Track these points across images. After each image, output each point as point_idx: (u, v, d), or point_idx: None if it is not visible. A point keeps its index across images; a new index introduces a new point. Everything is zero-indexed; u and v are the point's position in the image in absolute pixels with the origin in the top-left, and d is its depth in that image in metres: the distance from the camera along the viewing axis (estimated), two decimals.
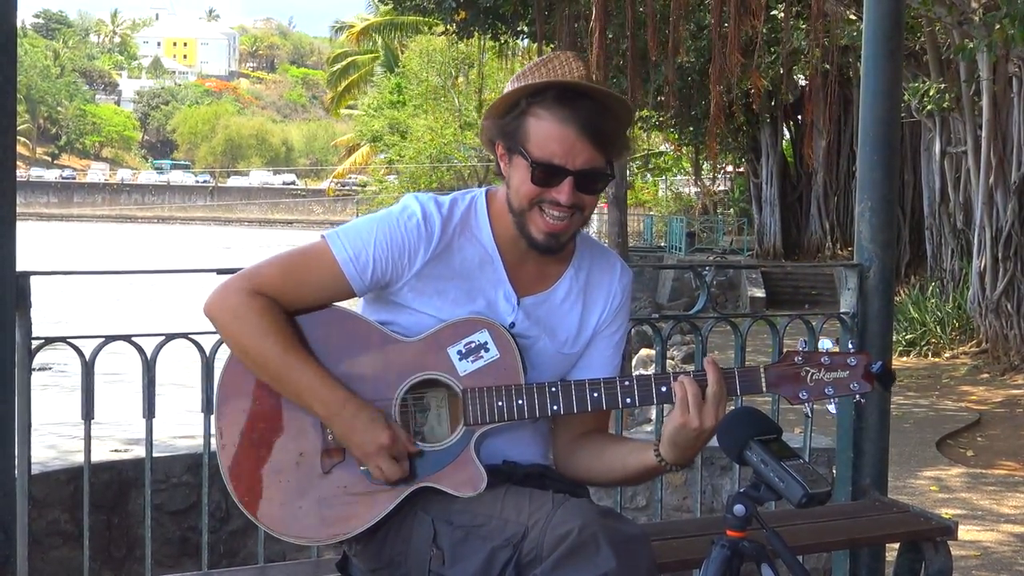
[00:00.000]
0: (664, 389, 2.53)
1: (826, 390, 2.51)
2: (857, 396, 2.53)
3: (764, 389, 2.53)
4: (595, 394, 2.54)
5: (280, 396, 2.57)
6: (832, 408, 2.58)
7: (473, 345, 2.56)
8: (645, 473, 2.64)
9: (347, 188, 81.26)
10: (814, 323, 4.09)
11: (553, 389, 2.54)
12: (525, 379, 2.56)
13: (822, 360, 2.52)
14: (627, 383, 2.54)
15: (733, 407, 2.51)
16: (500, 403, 2.53)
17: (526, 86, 2.52)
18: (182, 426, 5.38)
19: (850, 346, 2.61)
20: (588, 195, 2.53)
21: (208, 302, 2.58)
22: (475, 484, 2.52)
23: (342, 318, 2.62)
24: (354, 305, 2.69)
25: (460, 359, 2.56)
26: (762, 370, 2.53)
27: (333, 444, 2.56)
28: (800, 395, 2.52)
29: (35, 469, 3.75)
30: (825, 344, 2.56)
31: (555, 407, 2.53)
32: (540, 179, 2.49)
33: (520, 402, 2.53)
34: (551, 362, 2.67)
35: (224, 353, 2.64)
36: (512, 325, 2.62)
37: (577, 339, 2.69)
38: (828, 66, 18.86)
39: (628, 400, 2.54)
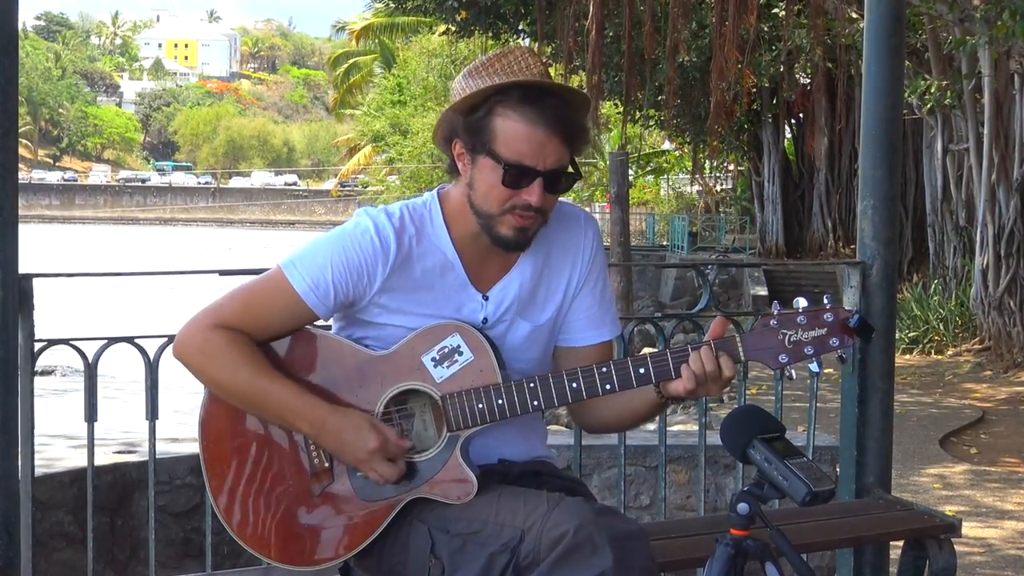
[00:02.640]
0: (642, 371, 2.50)
1: (806, 350, 2.46)
2: (838, 352, 2.48)
3: (742, 357, 2.50)
4: (574, 384, 2.51)
5: (261, 427, 2.58)
6: (814, 367, 2.53)
7: (446, 350, 2.54)
8: (655, 410, 2.65)
9: (348, 188, 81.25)
10: None
11: (532, 385, 2.51)
12: (503, 376, 2.54)
13: (798, 320, 2.46)
14: (604, 369, 2.51)
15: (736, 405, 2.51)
16: (480, 405, 2.51)
17: (491, 86, 2.48)
18: (186, 428, 5.38)
19: (826, 301, 2.53)
20: (554, 195, 2.52)
21: (175, 345, 2.58)
22: (465, 490, 2.51)
23: (312, 339, 2.61)
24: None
25: (435, 366, 2.54)
26: (738, 339, 2.50)
27: (320, 467, 2.56)
28: (780, 359, 2.47)
29: (39, 471, 3.75)
30: (800, 303, 2.48)
31: (535, 402, 2.51)
32: (510, 181, 2.46)
33: (500, 401, 2.51)
34: (532, 338, 2.66)
35: None
36: (485, 321, 2.60)
37: (546, 306, 2.66)
38: (830, 64, 18.86)
39: (608, 387, 2.50)
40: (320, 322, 2.63)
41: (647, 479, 5.30)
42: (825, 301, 2.53)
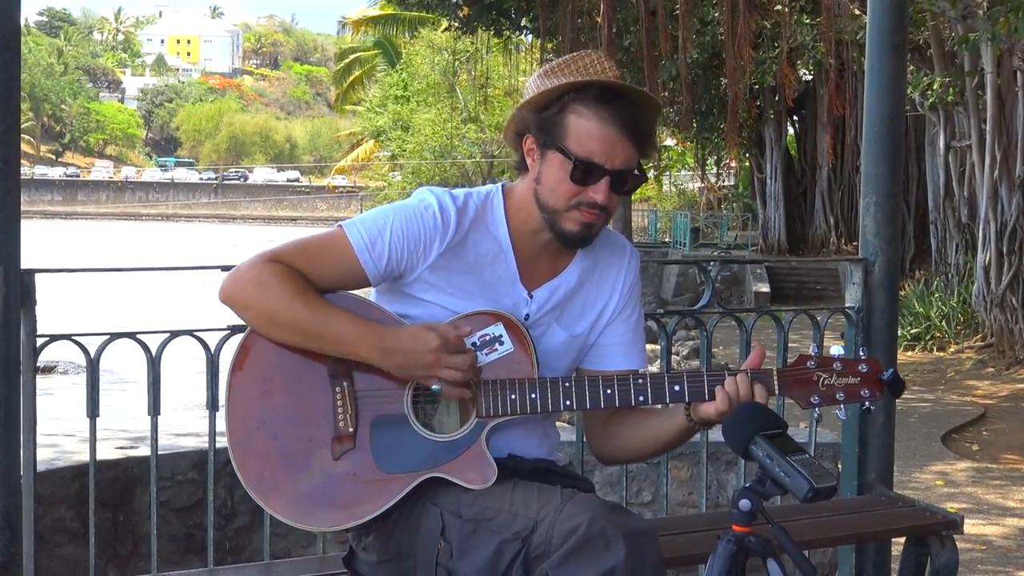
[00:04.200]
0: (677, 388, 2.55)
1: (837, 395, 2.54)
2: (867, 403, 2.56)
3: (776, 392, 2.56)
4: (608, 391, 2.55)
5: (291, 384, 2.57)
6: (841, 414, 2.60)
7: (488, 338, 2.57)
8: (679, 438, 2.68)
9: (344, 188, 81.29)
10: (819, 318, 4.08)
11: (567, 384, 2.55)
12: (539, 373, 2.56)
13: (834, 366, 2.55)
14: (640, 381, 2.55)
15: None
16: (513, 396, 2.54)
17: (569, 83, 2.52)
18: (188, 423, 5.38)
19: (862, 353, 2.60)
20: (619, 195, 2.56)
21: (224, 286, 2.56)
22: (485, 476, 2.53)
23: (356, 304, 2.61)
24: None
25: (475, 351, 2.55)
26: (775, 373, 2.56)
27: (344, 431, 2.56)
28: (812, 399, 2.55)
29: (41, 467, 3.75)
30: (837, 350, 2.57)
31: (568, 402, 2.54)
32: (579, 177, 2.50)
33: (533, 396, 2.54)
34: (564, 348, 2.68)
35: (228, 352, 2.63)
36: (527, 317, 2.63)
37: (581, 319, 2.70)
38: (833, 61, 18.85)
39: (641, 398, 2.55)
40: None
41: (649, 475, 5.30)
42: (861, 354, 2.60)
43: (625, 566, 2.28)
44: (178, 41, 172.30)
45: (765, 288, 23.89)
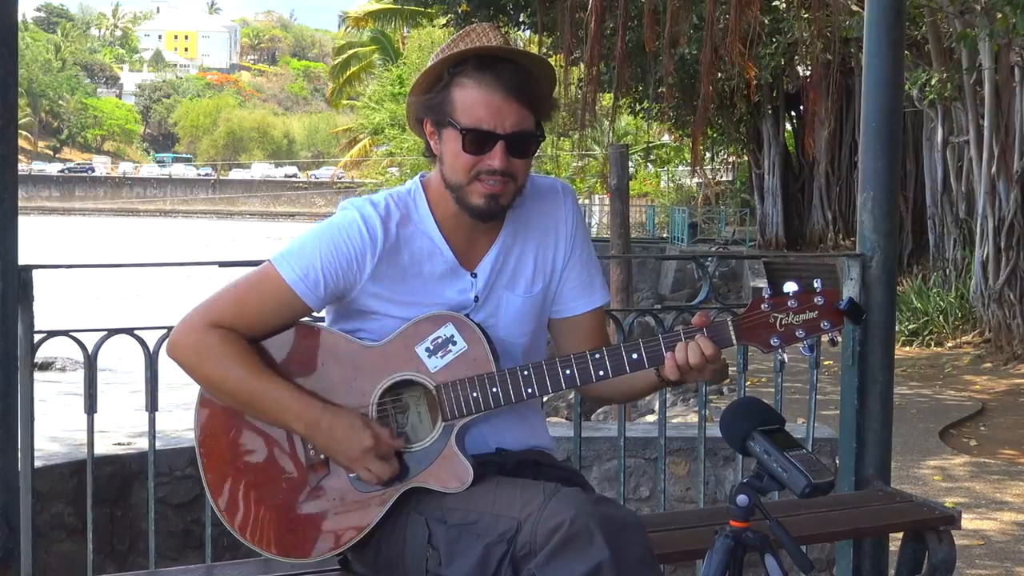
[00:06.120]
0: (635, 357, 2.52)
1: (797, 333, 2.50)
2: (829, 335, 2.51)
3: (735, 341, 2.52)
4: (567, 371, 2.54)
5: (254, 426, 2.58)
6: (805, 350, 2.55)
7: (440, 340, 2.55)
8: (654, 388, 2.71)
9: (342, 184, 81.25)
10: None
11: (525, 373, 2.53)
12: (497, 364, 2.55)
13: (789, 303, 2.51)
14: (597, 356, 2.53)
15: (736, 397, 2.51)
16: (475, 394, 2.53)
17: (446, 57, 2.52)
18: (185, 419, 5.38)
19: (816, 285, 2.55)
20: (520, 159, 2.53)
21: (169, 345, 2.59)
22: (462, 479, 2.52)
23: (305, 333, 2.61)
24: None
25: (429, 356, 2.55)
26: (731, 322, 2.52)
27: (315, 459, 2.56)
28: (772, 342, 2.51)
29: (38, 463, 3.75)
30: (790, 287, 2.53)
31: (529, 390, 2.53)
32: (471, 147, 2.49)
33: (495, 390, 2.53)
34: (524, 311, 2.68)
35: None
36: (476, 299, 2.62)
37: (535, 277, 2.69)
38: (830, 56, 18.84)
39: (601, 373, 2.53)
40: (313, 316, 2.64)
41: (647, 471, 5.31)
42: (816, 285, 2.54)
43: (611, 561, 2.27)
44: (176, 37, 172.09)
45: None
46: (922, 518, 3.64)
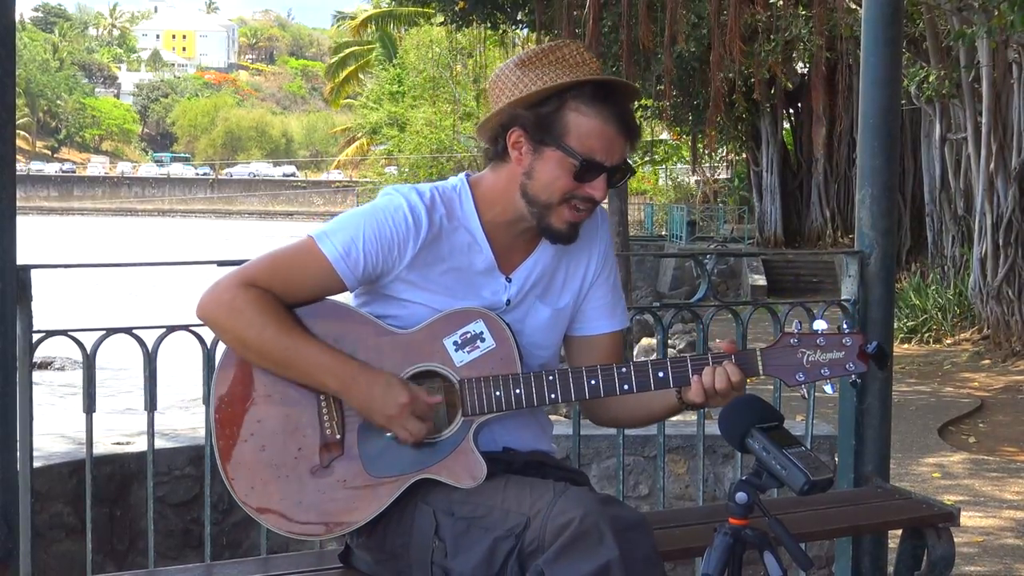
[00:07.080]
0: (661, 375, 2.54)
1: (822, 371, 2.53)
2: (853, 376, 2.54)
3: (761, 372, 2.55)
4: (592, 381, 2.55)
5: (276, 393, 2.57)
6: (829, 389, 2.58)
7: (469, 335, 2.56)
8: (671, 413, 2.72)
9: (340, 183, 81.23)
10: (815, 311, 4.08)
11: (551, 378, 2.54)
12: (522, 367, 2.56)
13: (817, 341, 2.53)
14: (623, 370, 2.55)
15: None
16: (498, 393, 2.54)
17: (568, 82, 2.50)
18: (184, 418, 5.38)
19: (845, 327, 2.58)
20: (612, 188, 2.58)
21: (200, 303, 2.56)
22: (475, 475, 2.52)
23: (336, 312, 2.61)
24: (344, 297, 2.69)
25: (456, 350, 2.55)
26: (759, 353, 2.55)
27: (331, 438, 2.56)
28: (797, 377, 2.54)
29: (37, 462, 3.75)
30: (820, 325, 2.56)
31: (552, 395, 2.54)
32: (580, 175, 2.51)
33: (518, 391, 2.53)
34: (550, 323, 2.69)
35: (224, 348, 2.62)
36: (508, 302, 2.63)
37: (564, 292, 2.71)
38: (829, 54, 18.84)
39: (626, 387, 2.55)
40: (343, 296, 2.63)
41: (646, 469, 5.31)
42: (844, 327, 2.58)
43: (619, 560, 2.28)
44: (174, 36, 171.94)
45: (761, 281, 23.89)
46: (921, 515, 3.64)
